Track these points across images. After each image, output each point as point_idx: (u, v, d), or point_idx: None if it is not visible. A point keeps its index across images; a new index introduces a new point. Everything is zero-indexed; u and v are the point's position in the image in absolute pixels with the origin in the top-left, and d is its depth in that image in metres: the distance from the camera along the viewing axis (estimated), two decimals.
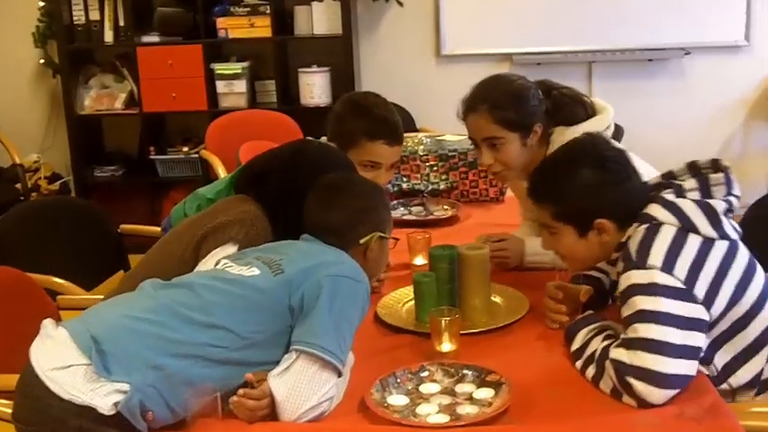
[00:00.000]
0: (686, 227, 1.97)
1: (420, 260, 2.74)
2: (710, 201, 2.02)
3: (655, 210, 2.02)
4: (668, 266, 1.91)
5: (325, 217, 2.13)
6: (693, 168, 2.12)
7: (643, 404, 1.85)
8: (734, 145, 5.70)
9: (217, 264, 2.07)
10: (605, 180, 2.07)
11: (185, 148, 5.56)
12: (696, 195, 2.05)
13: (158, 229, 3.10)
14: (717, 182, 2.06)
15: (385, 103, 2.82)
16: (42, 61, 5.60)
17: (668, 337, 1.85)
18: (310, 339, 1.85)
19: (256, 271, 1.96)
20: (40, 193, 5.49)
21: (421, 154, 3.54)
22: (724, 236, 1.99)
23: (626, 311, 1.93)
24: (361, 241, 2.12)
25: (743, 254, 2.03)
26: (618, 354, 1.88)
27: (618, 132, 4.10)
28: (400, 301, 2.48)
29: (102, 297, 2.37)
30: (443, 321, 2.10)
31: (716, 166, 2.10)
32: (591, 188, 2.07)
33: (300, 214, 2.17)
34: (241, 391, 1.82)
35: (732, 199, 2.05)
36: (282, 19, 5.41)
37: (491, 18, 5.51)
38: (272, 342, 1.90)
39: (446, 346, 2.11)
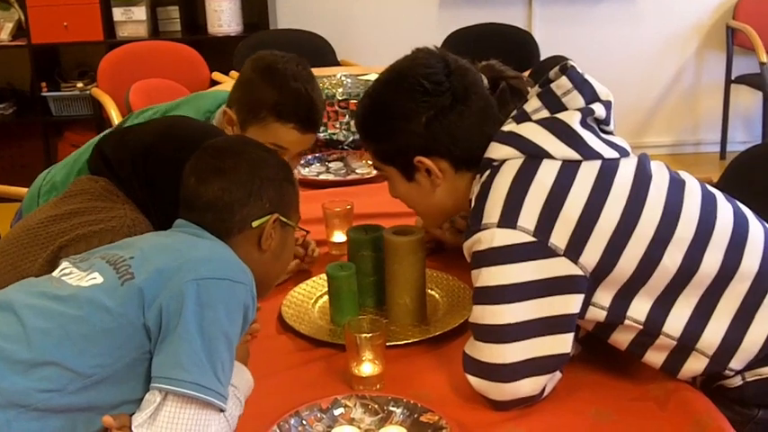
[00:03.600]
0: (534, 154, 1.56)
1: (339, 236, 2.23)
2: (559, 114, 1.59)
3: (492, 150, 1.61)
4: (509, 218, 1.50)
5: (202, 188, 1.57)
6: (542, 84, 1.66)
7: (492, 405, 1.54)
8: (686, 76, 5.47)
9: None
10: (417, 109, 1.67)
11: (80, 84, 5.12)
12: (545, 115, 1.61)
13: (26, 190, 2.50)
14: (563, 89, 1.61)
15: (309, 76, 2.18)
16: None
17: (507, 317, 1.50)
18: (177, 374, 1.36)
19: (98, 278, 1.43)
20: None
21: (340, 98, 3.01)
22: (591, 154, 1.55)
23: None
24: (255, 223, 1.58)
25: (628, 170, 1.57)
26: (467, 345, 1.58)
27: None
28: (312, 295, 1.98)
29: None
30: (361, 338, 1.61)
31: (562, 69, 1.63)
32: (401, 120, 1.68)
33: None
34: None
35: (596, 106, 1.61)
36: None
37: None
38: (127, 375, 1.40)
39: (366, 367, 1.62)
